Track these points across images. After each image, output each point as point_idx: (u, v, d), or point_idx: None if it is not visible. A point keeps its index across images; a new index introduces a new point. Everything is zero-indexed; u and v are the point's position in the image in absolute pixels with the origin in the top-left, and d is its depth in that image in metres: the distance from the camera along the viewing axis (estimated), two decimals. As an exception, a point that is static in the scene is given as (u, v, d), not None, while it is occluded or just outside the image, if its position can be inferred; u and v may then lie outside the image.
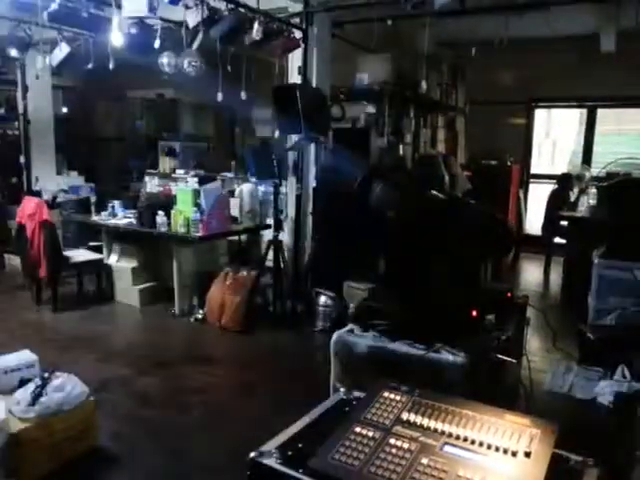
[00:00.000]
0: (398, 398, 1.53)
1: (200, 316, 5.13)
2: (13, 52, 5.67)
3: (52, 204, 5.38)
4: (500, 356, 2.11)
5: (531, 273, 7.68)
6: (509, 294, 2.60)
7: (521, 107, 8.69)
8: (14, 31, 5.49)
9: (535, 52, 7.50)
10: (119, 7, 4.00)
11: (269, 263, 5.26)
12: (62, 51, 5.44)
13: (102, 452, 2.98)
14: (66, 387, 2.90)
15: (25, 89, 6.91)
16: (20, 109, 7.06)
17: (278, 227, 5.21)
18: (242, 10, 4.48)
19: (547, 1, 5.48)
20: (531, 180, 8.96)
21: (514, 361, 2.25)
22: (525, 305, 2.79)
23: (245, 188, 6.16)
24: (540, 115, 9.06)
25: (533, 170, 9.02)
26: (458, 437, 1.36)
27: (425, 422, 1.42)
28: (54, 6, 4.69)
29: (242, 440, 2.86)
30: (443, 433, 1.38)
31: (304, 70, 5.40)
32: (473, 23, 6.06)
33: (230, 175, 7.45)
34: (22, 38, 5.50)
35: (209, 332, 4.91)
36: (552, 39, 6.87)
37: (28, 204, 5.39)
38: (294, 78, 5.47)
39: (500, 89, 8.27)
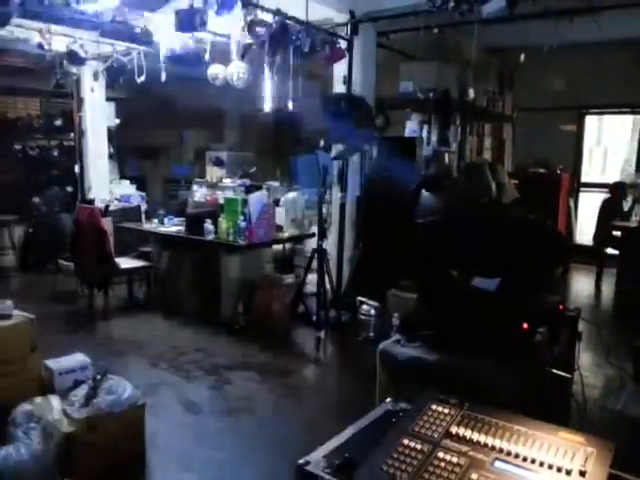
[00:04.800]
0: (447, 411, 1.51)
1: (245, 323, 5.19)
2: (70, 67, 5.93)
3: (105, 212, 5.56)
4: (554, 370, 2.04)
5: (582, 285, 7.44)
6: (561, 306, 2.52)
7: (571, 114, 8.46)
8: (71, 47, 5.75)
9: (585, 57, 7.30)
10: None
11: (313, 271, 5.28)
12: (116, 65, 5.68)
13: (150, 455, 3.05)
14: (117, 390, 2.99)
15: (80, 102, 7.20)
16: (75, 121, 7.36)
17: (322, 235, 5.23)
18: (290, 22, 4.55)
19: (598, 5, 5.33)
20: (582, 189, 8.70)
21: (568, 376, 2.18)
22: (577, 318, 2.71)
23: (290, 197, 6.22)
24: (591, 122, 8.79)
25: (584, 178, 8.75)
26: (509, 453, 1.33)
27: (475, 436, 1.40)
28: (108, 23, 4.90)
29: (289, 448, 2.90)
30: (494, 448, 1.35)
31: (349, 80, 5.43)
32: (521, 29, 5.94)
33: (276, 184, 7.54)
34: (78, 53, 5.75)
35: (254, 339, 4.96)
36: (603, 44, 6.69)
37: (83, 212, 5.60)
38: (339, 88, 5.51)
39: (549, 96, 8.07)
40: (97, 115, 7.25)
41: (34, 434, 2.75)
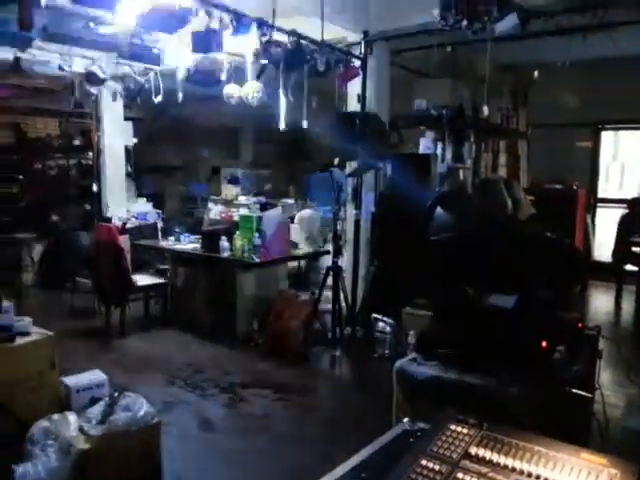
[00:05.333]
0: (465, 431, 1.49)
1: (260, 340, 5.19)
2: (89, 87, 6.05)
3: (122, 230, 5.63)
4: (574, 390, 2.01)
5: (601, 302, 7.33)
6: (580, 324, 2.49)
7: (586, 130, 8.42)
8: (89, 68, 5.89)
9: (600, 73, 7.28)
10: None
11: (328, 288, 5.27)
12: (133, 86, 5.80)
13: (165, 473, 3.04)
14: (133, 407, 3.00)
15: (98, 121, 7.32)
16: (94, 140, 7.48)
17: (337, 252, 5.23)
18: (305, 42, 4.60)
19: (612, 22, 5.33)
20: (599, 204, 8.62)
21: (589, 395, 2.14)
22: (597, 336, 2.66)
23: (305, 214, 6.25)
24: (607, 137, 8.74)
25: (601, 194, 8.68)
26: (530, 475, 1.31)
27: (495, 457, 1.37)
28: (125, 44, 5.01)
29: (306, 467, 2.88)
30: (514, 470, 1.33)
31: (363, 97, 5.47)
32: (534, 46, 5.96)
33: (290, 201, 7.58)
34: (96, 74, 5.88)
35: (269, 356, 4.95)
36: (618, 59, 6.66)
37: (101, 230, 5.67)
38: (353, 106, 5.55)
39: (564, 112, 8.05)
40: (115, 134, 7.37)
41: (51, 451, 2.76)
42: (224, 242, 5.41)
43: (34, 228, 7.60)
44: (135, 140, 7.72)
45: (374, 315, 5.08)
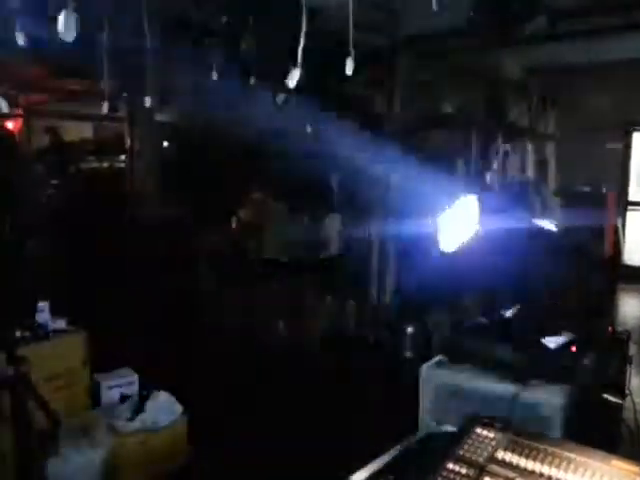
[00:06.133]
0: (492, 435, 1.48)
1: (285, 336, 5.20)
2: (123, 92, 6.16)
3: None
4: (606, 396, 1.98)
5: (631, 307, 7.18)
6: (610, 329, 2.45)
7: (617, 131, 8.25)
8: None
9: (631, 74, 7.15)
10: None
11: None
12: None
13: (193, 471, 3.08)
14: (163, 405, 3.06)
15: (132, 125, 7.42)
16: (127, 144, 7.58)
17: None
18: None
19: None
20: (629, 207, 8.43)
21: (619, 401, 2.10)
22: (627, 341, 2.62)
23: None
24: (639, 139, 8.55)
25: (631, 197, 8.49)
26: (558, 480, 1.30)
27: (522, 462, 1.37)
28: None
29: (332, 466, 2.88)
30: (542, 475, 1.32)
31: (390, 101, 5.47)
32: (564, 48, 5.89)
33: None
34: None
35: (295, 355, 4.95)
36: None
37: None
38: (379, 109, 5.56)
39: (593, 113, 7.91)
40: (148, 138, 7.45)
41: (82, 447, 2.83)
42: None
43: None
44: (166, 144, 7.75)
45: (401, 317, 5.07)
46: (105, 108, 3.38)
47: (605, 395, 2.04)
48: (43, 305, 3.15)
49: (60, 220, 5.76)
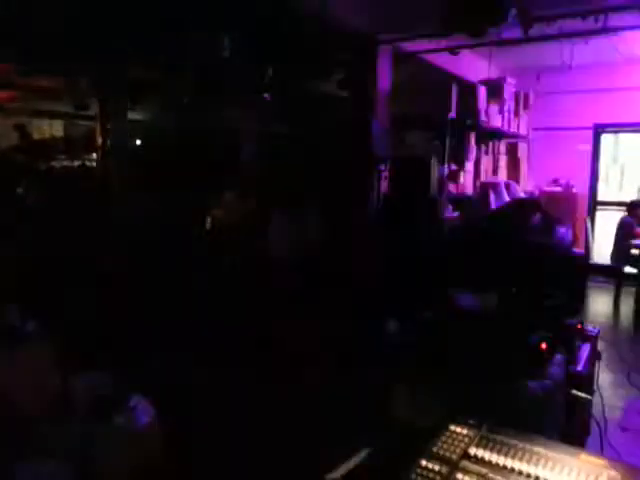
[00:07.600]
0: (465, 432, 1.50)
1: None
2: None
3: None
4: (575, 392, 2.02)
5: (600, 304, 7.34)
6: (579, 326, 2.51)
7: (587, 133, 8.43)
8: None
9: (601, 76, 7.32)
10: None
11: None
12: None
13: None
14: (138, 409, 3.01)
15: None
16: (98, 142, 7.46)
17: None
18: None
19: (615, 27, 5.35)
20: (598, 207, 8.62)
21: (588, 397, 2.15)
22: (596, 337, 2.68)
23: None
24: (607, 140, 8.75)
25: (600, 197, 8.68)
26: (529, 476, 1.32)
27: (494, 458, 1.39)
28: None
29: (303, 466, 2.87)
30: (512, 470, 1.34)
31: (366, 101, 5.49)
32: (537, 50, 5.99)
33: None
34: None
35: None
36: (619, 63, 6.69)
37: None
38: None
39: (565, 115, 8.08)
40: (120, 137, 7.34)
41: (56, 451, 2.76)
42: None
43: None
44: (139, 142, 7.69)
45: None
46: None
47: (574, 391, 2.08)
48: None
49: (28, 220, 5.63)
